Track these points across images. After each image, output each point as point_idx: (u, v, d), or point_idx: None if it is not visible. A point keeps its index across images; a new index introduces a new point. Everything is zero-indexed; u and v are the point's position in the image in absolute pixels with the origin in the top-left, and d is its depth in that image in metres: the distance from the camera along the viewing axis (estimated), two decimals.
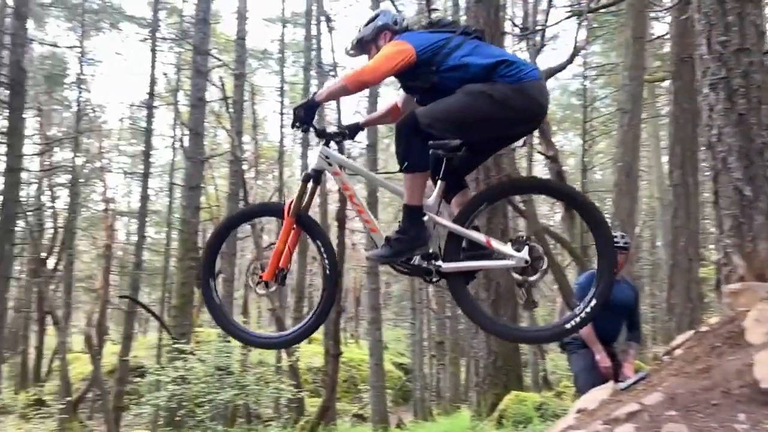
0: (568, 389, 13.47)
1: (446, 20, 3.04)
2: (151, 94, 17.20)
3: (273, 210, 3.27)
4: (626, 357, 4.65)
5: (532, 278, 2.72)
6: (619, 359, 4.62)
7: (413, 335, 18.23)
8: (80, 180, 18.09)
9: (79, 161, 18.20)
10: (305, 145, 18.87)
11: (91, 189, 21.16)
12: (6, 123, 13.16)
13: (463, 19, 13.00)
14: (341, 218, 9.51)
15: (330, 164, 2.95)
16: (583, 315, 2.74)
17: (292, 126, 2.91)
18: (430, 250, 2.82)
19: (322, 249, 3.00)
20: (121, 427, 15.04)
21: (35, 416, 11.61)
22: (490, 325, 3.04)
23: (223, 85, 13.50)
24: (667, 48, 12.71)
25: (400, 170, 2.79)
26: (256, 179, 22.46)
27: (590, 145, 17.53)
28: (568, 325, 2.76)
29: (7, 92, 12.88)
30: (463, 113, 2.70)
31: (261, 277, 3.01)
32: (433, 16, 8.77)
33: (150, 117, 17.52)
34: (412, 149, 2.73)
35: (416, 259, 2.83)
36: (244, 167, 16.49)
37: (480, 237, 2.78)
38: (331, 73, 17.47)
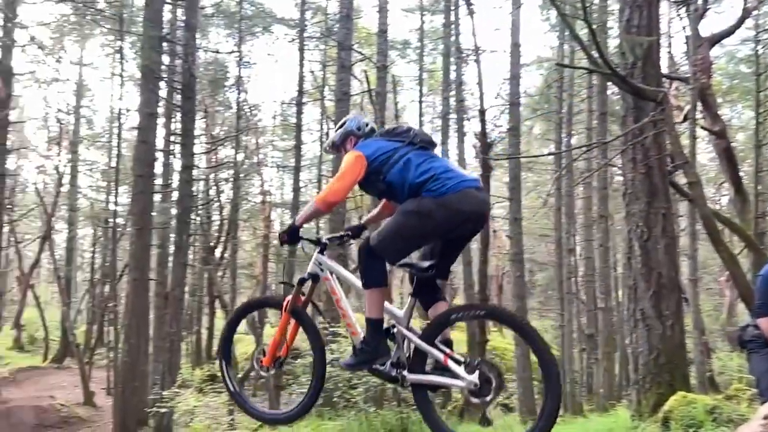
0: (740, 393, 12.20)
1: (402, 128, 3.21)
2: (300, 92, 18.21)
3: (274, 304, 3.67)
4: None
5: (475, 401, 2.78)
6: None
7: (561, 327, 17.56)
8: (241, 175, 19.67)
9: (239, 157, 19.80)
10: (444, 133, 18.92)
11: (249, 183, 22.91)
12: (180, 125, 14.68)
13: None
14: None
15: (322, 270, 3.29)
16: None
17: (281, 245, 3.29)
18: (397, 359, 3.04)
19: (312, 346, 3.34)
20: (282, 405, 16.24)
21: (210, 390, 12.85)
22: None
23: (366, 78, 13.87)
24: None
25: (362, 286, 3.08)
26: None
27: (765, 117, 15.53)
28: None
29: (180, 97, 14.36)
30: (401, 232, 2.97)
31: (261, 362, 3.40)
32: None
33: (299, 113, 18.58)
34: (369, 269, 3.03)
35: (387, 366, 3.06)
36: None
37: (439, 355, 2.91)
38: (472, 57, 17.26)
